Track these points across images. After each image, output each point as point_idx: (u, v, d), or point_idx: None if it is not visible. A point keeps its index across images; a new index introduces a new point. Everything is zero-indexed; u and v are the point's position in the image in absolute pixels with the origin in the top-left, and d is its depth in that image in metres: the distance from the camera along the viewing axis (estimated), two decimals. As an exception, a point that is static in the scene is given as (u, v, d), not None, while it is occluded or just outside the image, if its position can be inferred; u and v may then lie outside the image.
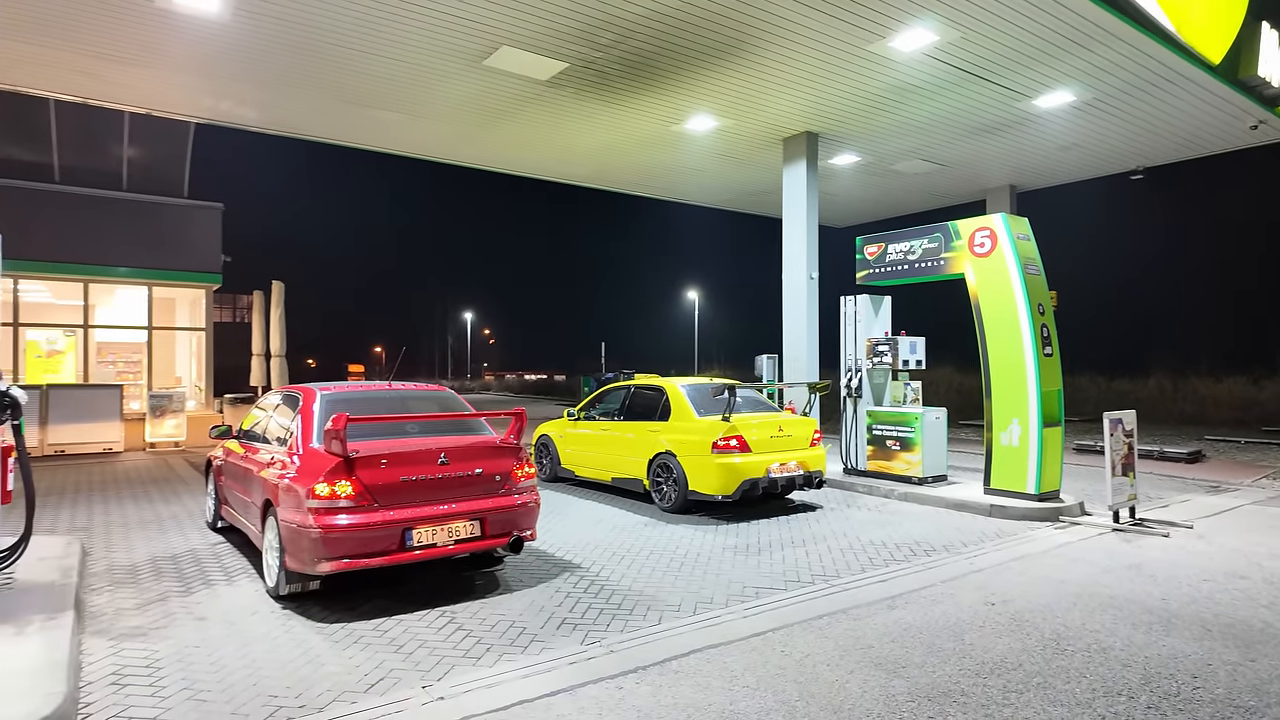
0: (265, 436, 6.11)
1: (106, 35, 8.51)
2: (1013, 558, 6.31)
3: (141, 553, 6.57)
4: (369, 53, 9.01)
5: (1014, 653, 4.22)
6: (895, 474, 9.44)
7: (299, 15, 8.06)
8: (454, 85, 10.08)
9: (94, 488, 10.25)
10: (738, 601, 5.18)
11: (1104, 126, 11.86)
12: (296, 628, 4.67)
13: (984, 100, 10.70)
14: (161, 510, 8.57)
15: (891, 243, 9.87)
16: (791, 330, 12.24)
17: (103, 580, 5.71)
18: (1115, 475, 7.44)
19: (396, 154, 13.73)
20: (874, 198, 16.88)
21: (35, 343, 15.50)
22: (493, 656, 4.21)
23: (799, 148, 12.21)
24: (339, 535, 4.76)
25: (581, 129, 11.96)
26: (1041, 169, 14.53)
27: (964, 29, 8.46)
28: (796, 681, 3.85)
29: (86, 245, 15.48)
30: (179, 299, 18.46)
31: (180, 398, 15.33)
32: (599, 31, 8.47)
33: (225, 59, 9.18)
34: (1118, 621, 4.72)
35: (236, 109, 11.13)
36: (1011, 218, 8.61)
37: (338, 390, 5.95)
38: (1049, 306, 8.55)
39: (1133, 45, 8.81)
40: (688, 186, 15.95)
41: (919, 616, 4.85)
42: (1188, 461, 12.07)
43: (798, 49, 9.05)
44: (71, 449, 13.84)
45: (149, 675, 3.94)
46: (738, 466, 7.82)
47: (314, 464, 4.99)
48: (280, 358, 17.99)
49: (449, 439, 5.48)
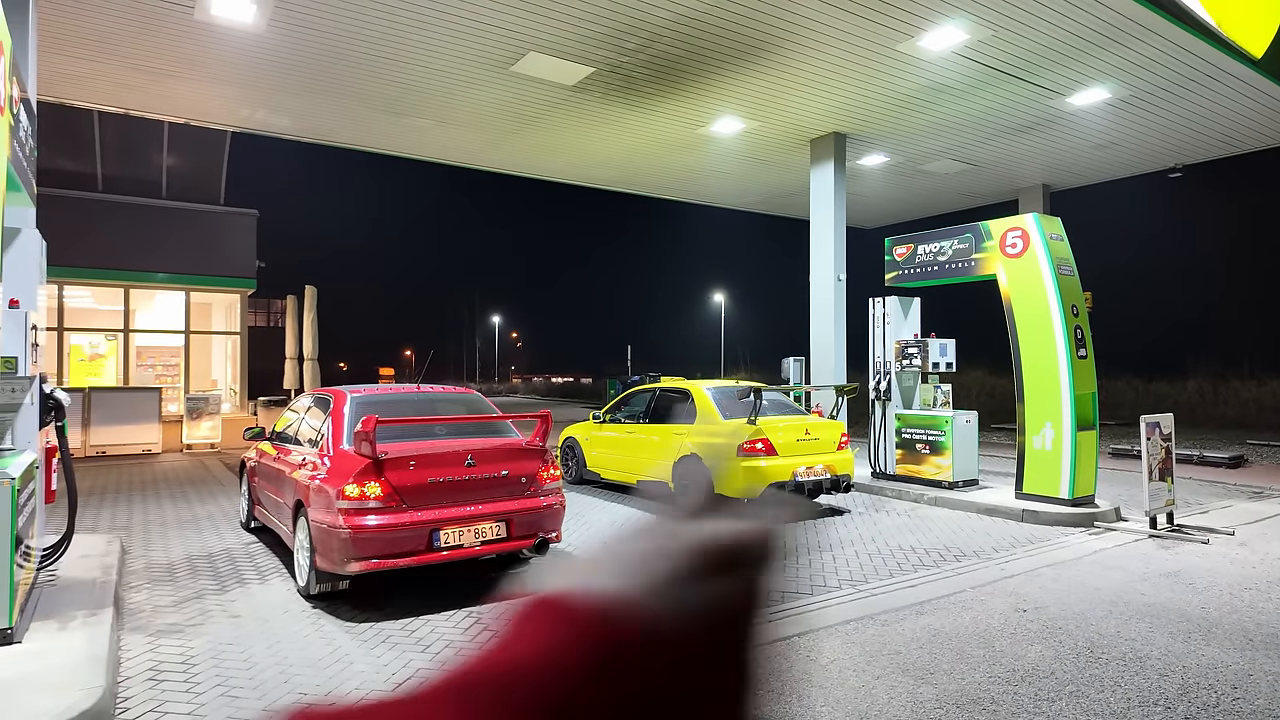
0: (297, 438, 6.23)
1: (148, 49, 8.76)
2: (1045, 564, 6.19)
3: (178, 551, 6.73)
4: (399, 61, 9.16)
5: (1046, 660, 4.14)
6: (925, 478, 9.32)
7: (332, 26, 8.22)
8: (482, 92, 10.19)
9: (133, 488, 10.53)
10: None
11: (1141, 124, 11.59)
12: (326, 626, 4.74)
13: (1016, 99, 10.53)
14: (198, 510, 8.77)
15: (921, 244, 9.75)
16: (819, 332, 12.15)
17: (141, 578, 5.86)
18: (1152, 480, 7.26)
19: (426, 160, 13.90)
20: (903, 198, 16.69)
21: (79, 346, 15.97)
22: (518, 657, 4.23)
23: (826, 149, 12.13)
24: (368, 536, 4.84)
25: (607, 133, 12.01)
26: (1076, 168, 14.25)
27: (996, 27, 8.34)
28: (822, 687, 3.82)
29: (128, 252, 15.91)
30: (215, 303, 18.88)
31: (216, 400, 15.68)
32: (625, 36, 8.51)
33: (261, 70, 9.39)
34: (1154, 630, 4.61)
35: (271, 118, 11.37)
36: (1044, 217, 8.46)
37: (368, 393, 6.05)
38: (1083, 308, 8.38)
39: (1171, 40, 8.61)
40: (714, 189, 15.91)
41: (948, 622, 4.78)
42: (1229, 466, 11.73)
43: (825, 50, 8.99)
44: (112, 450, 14.21)
45: (184, 671, 4.04)
46: (764, 469, 7.78)
47: (344, 465, 5.08)
48: (313, 361, 18.31)
49: (476, 441, 5.53)
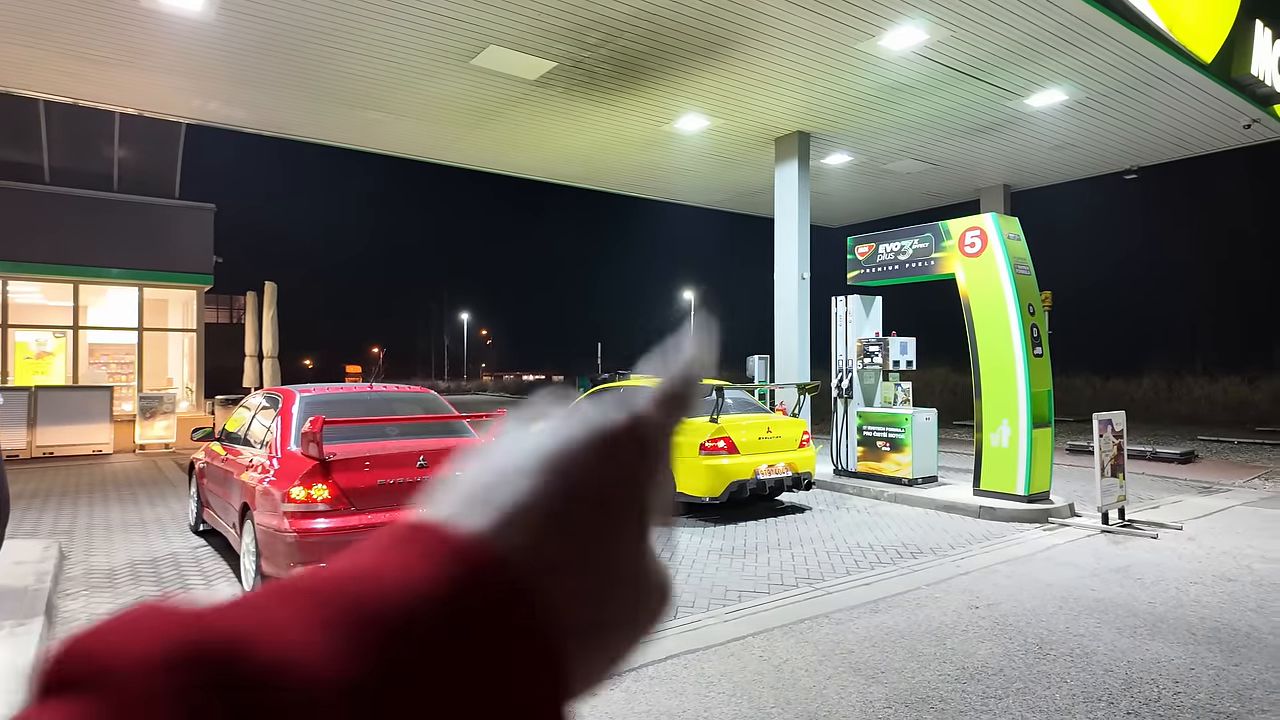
0: (247, 439, 6.06)
1: (91, 35, 8.45)
2: (1000, 560, 6.25)
3: (121, 556, 6.51)
4: (355, 53, 8.96)
5: (995, 658, 4.17)
6: (885, 475, 9.39)
7: (284, 15, 8.00)
8: (442, 85, 10.02)
9: (80, 490, 10.18)
10: (719, 605, 5.13)
11: (1097, 126, 11.80)
12: (271, 633, 4.60)
13: (976, 99, 10.64)
14: (146, 513, 8.50)
15: (882, 243, 9.82)
16: (783, 331, 12.18)
17: (79, 585, 5.65)
18: (1105, 476, 7.39)
19: (387, 154, 13.66)
20: (868, 197, 16.82)
21: (24, 344, 15.44)
22: (467, 662, 4.15)
23: (791, 147, 12.16)
24: (315, 540, 4.70)
25: (571, 129, 11.90)
26: (1035, 168, 14.48)
27: (954, 27, 8.41)
28: (773, 687, 3.80)
29: (77, 246, 15.41)
30: (171, 300, 18.39)
31: (171, 399, 15.26)
32: (586, 30, 8.42)
33: (211, 59, 9.12)
34: (1102, 625, 4.67)
35: (225, 109, 11.07)
36: (1002, 218, 8.56)
37: (318, 392, 5.90)
38: (1039, 307, 8.51)
39: (1124, 44, 8.76)
40: (680, 186, 15.88)
41: (902, 620, 4.80)
42: (1180, 462, 12.02)
43: (787, 48, 9.00)
44: (60, 450, 13.76)
45: (117, 682, 3.88)
46: (725, 468, 7.77)
47: (291, 467, 4.94)
48: (272, 359, 17.90)
49: (428, 441, 5.42)
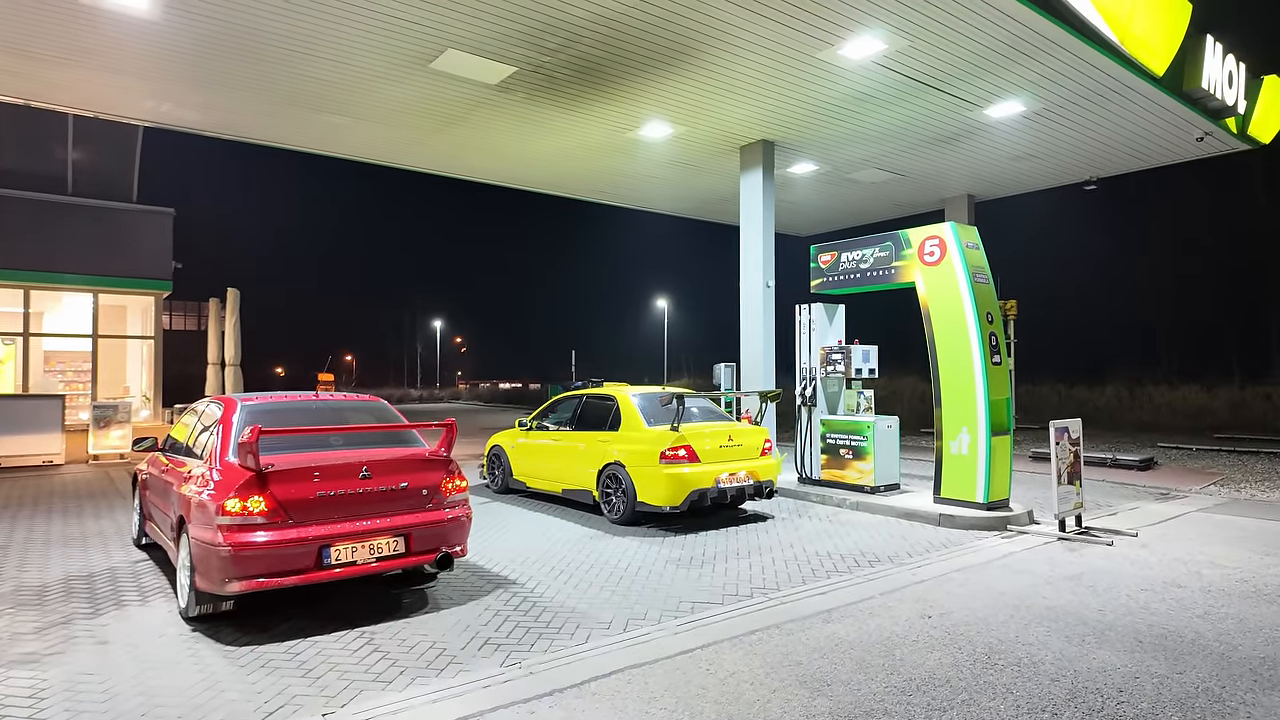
0: (188, 448, 5.86)
1: (32, 32, 8.20)
2: (956, 569, 6.24)
3: (56, 571, 6.26)
4: (308, 54, 8.79)
5: (943, 668, 4.13)
6: (848, 483, 9.38)
7: (232, 14, 7.82)
8: (400, 89, 9.88)
9: (24, 502, 9.83)
10: (671, 617, 5.04)
11: (1055, 137, 11.98)
12: (203, 651, 4.43)
13: (936, 109, 10.75)
14: (89, 526, 8.21)
15: (845, 251, 9.85)
16: (748, 339, 12.17)
17: (6, 602, 5.40)
18: (1061, 484, 7.44)
19: (348, 158, 13.45)
20: (834, 206, 16.94)
21: (-29, 351, 14.93)
22: (405, 680, 4.02)
23: (755, 156, 12.18)
24: (250, 554, 4.54)
25: (535, 135, 11.82)
26: (998, 179, 14.67)
27: (911, 37, 8.47)
28: (717, 702, 3.72)
29: (27, 250, 14.93)
30: (130, 306, 17.90)
31: (126, 408, 14.84)
32: (545, 35, 8.35)
33: (160, 59, 8.89)
34: (1051, 634, 4.66)
35: (178, 111, 10.82)
36: (961, 226, 8.62)
37: (261, 401, 5.72)
38: (998, 315, 8.56)
39: (1076, 55, 8.89)
40: (646, 194, 15.85)
41: (853, 631, 4.74)
42: (1139, 469, 12.19)
43: (747, 56, 9.00)
44: (8, 461, 13.29)
45: (30, 706, 3.69)
46: (686, 477, 7.69)
47: (227, 479, 4.76)
48: (235, 366, 17.51)
49: (373, 451, 5.27)
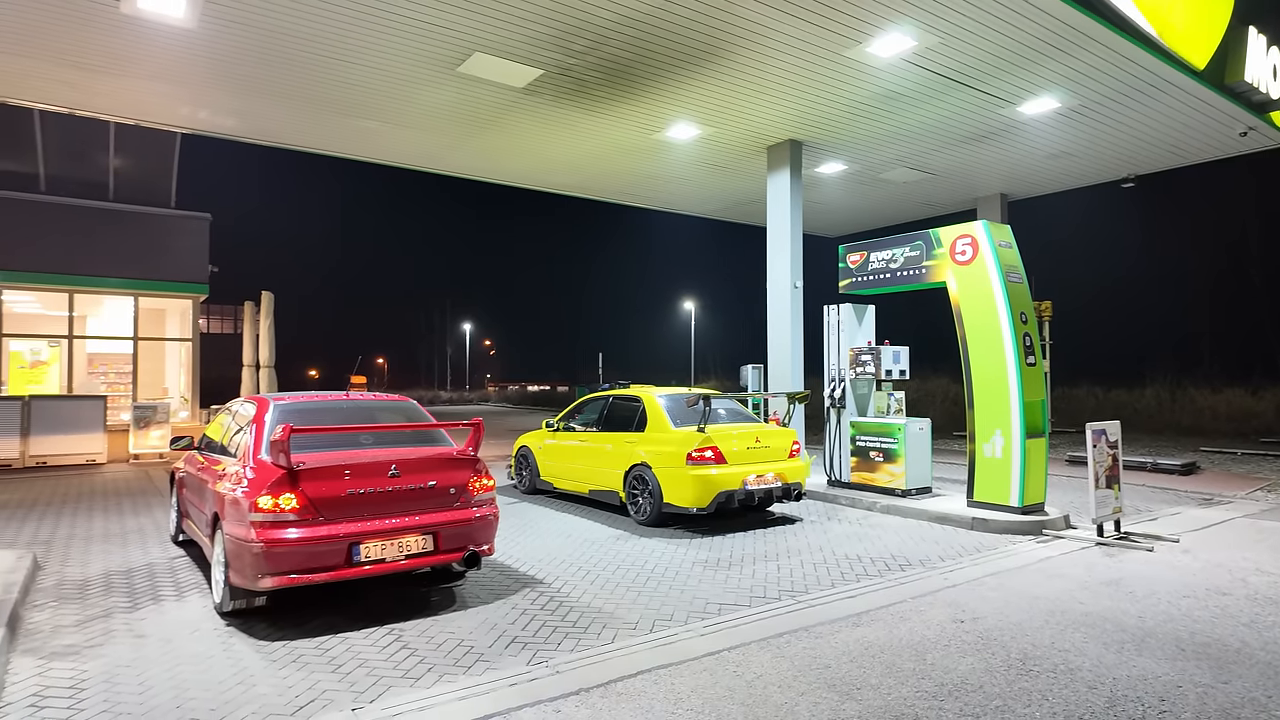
0: (223, 447, 5.98)
1: (76, 43, 8.44)
2: (989, 573, 6.12)
3: (97, 567, 6.42)
4: (341, 60, 8.93)
5: (976, 674, 4.04)
6: (878, 486, 9.26)
7: (267, 22, 7.98)
8: (431, 93, 9.99)
9: (68, 500, 10.11)
10: (698, 619, 5.01)
11: (1092, 134, 11.72)
12: (236, 646, 4.51)
13: (969, 107, 10.58)
14: (129, 523, 8.42)
15: (874, 251, 9.73)
16: (776, 340, 12.08)
17: (49, 596, 5.55)
18: (1099, 488, 7.26)
19: (381, 163, 13.63)
20: (864, 206, 16.75)
21: (18, 353, 15.42)
22: (433, 677, 4.04)
23: (783, 156, 12.10)
24: (282, 550, 4.61)
25: (562, 137, 11.87)
26: (1032, 177, 14.39)
27: (942, 34, 8.35)
28: (744, 704, 3.68)
29: (72, 255, 15.41)
30: (169, 309, 18.36)
31: (165, 409, 15.20)
32: (572, 37, 8.38)
33: (198, 67, 9.10)
34: (1089, 640, 4.54)
35: (216, 118, 11.06)
36: (994, 225, 8.47)
37: (293, 400, 5.81)
38: (1032, 315, 8.39)
39: (1114, 50, 8.69)
40: (673, 195, 15.83)
41: (883, 634, 4.67)
42: (1181, 473, 11.85)
43: (775, 56, 8.94)
44: (53, 460, 13.70)
45: (71, 697, 3.78)
46: (713, 478, 7.65)
47: (260, 476, 4.84)
48: (269, 368, 17.86)
49: (401, 450, 5.32)
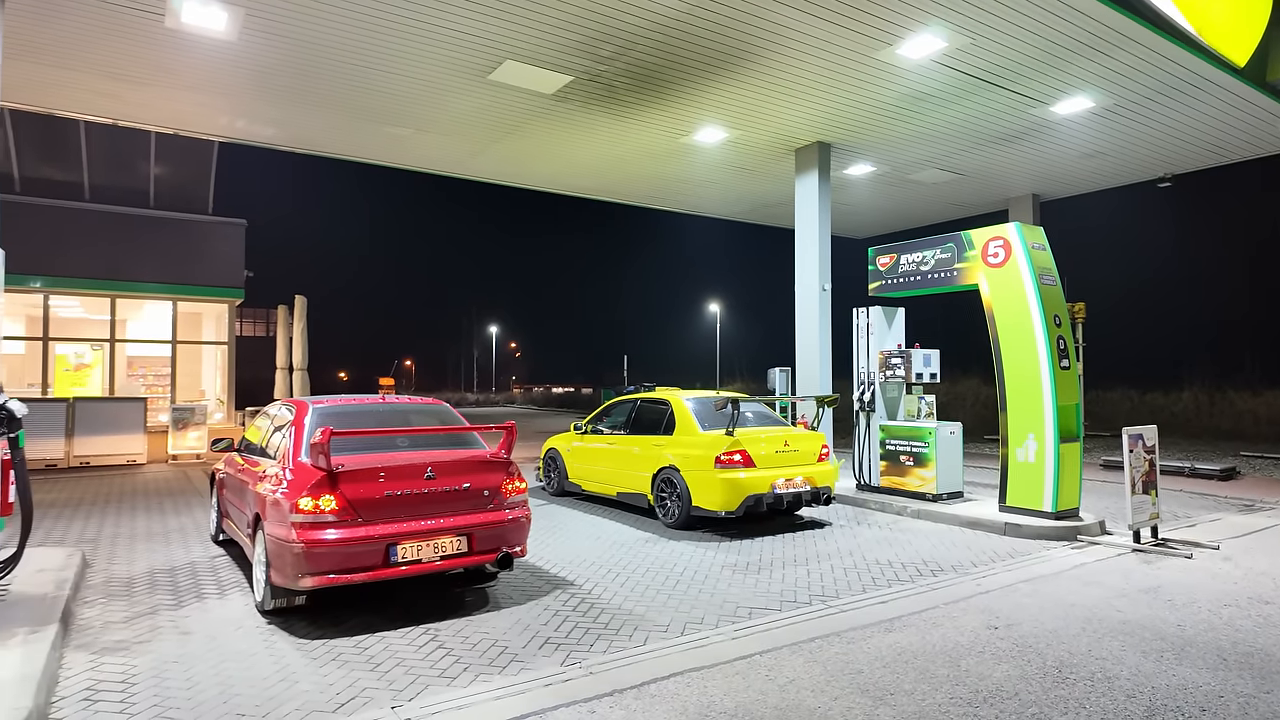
0: (262, 449, 6.12)
1: (121, 56, 8.70)
2: (1023, 579, 6.06)
3: (141, 565, 6.61)
4: (375, 69, 9.10)
5: (1011, 681, 4.02)
6: (909, 490, 9.19)
7: (305, 33, 8.16)
8: (461, 100, 10.14)
9: (111, 499, 10.40)
10: (729, 622, 5.03)
11: (1127, 133, 11.53)
12: (278, 644, 4.62)
13: (1000, 107, 10.47)
14: (170, 522, 8.64)
15: (904, 253, 9.67)
16: (804, 343, 12.04)
17: (98, 593, 5.74)
18: (1135, 493, 7.14)
19: (411, 169, 13.84)
20: (892, 208, 16.63)
21: (64, 356, 15.88)
22: (469, 676, 4.11)
23: (811, 158, 12.06)
24: (322, 550, 4.72)
25: (590, 142, 11.96)
26: (1065, 177, 14.19)
27: (973, 35, 8.28)
28: (777, 708, 3.70)
29: (114, 261, 15.86)
30: (205, 313, 18.80)
31: (202, 410, 15.55)
32: (601, 44, 8.45)
33: (238, 78, 9.34)
34: (1126, 649, 4.48)
35: (253, 127, 11.32)
36: (1026, 227, 8.38)
37: (331, 403, 5.94)
38: (1065, 318, 8.28)
39: (1151, 49, 8.55)
40: (700, 198, 15.85)
41: (916, 640, 4.65)
42: (1221, 479, 11.60)
43: (803, 58, 8.94)
44: (96, 460, 14.09)
45: (122, 691, 3.91)
46: (741, 482, 7.66)
47: (300, 478, 4.96)
48: (302, 371, 18.21)
49: (437, 453, 5.42)
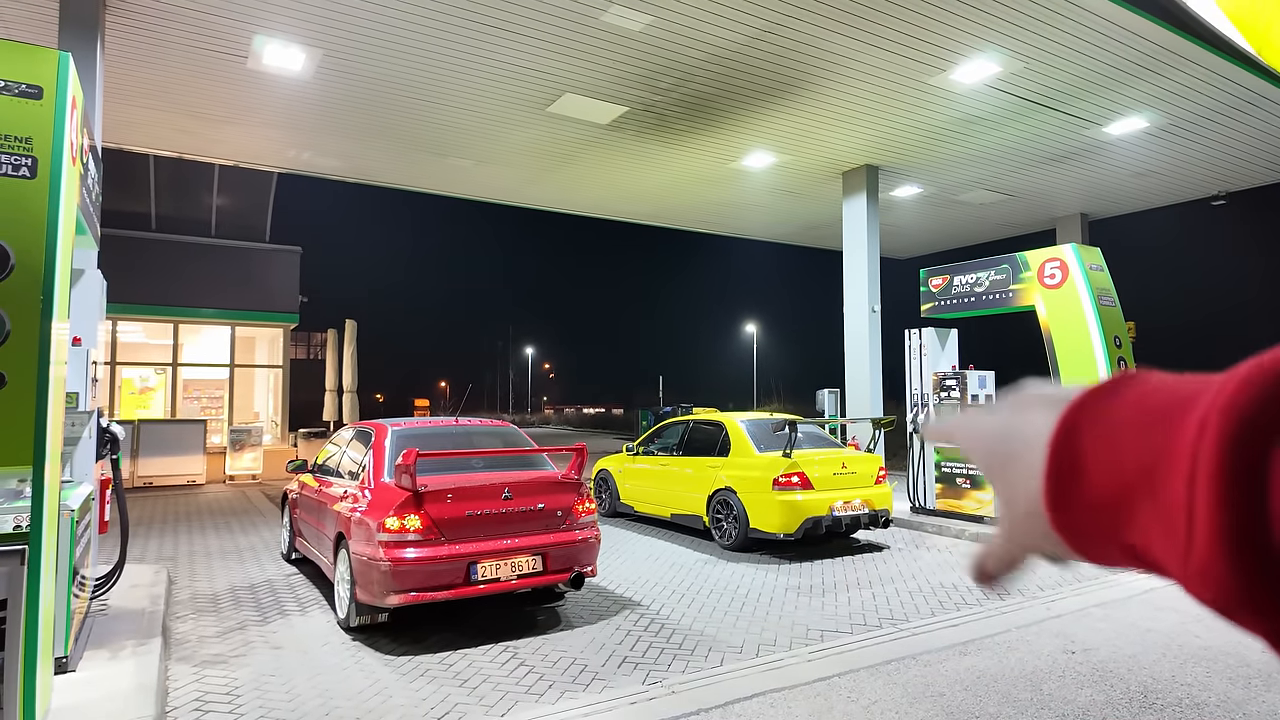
0: (338, 470, 6.35)
1: (202, 96, 9.20)
2: (1094, 603, 6.00)
3: (222, 582, 6.87)
4: (440, 104, 9.47)
5: (1096, 705, 4.01)
6: (966, 513, 9.12)
7: (376, 72, 8.55)
8: (520, 132, 10.47)
9: (179, 518, 10.78)
10: (801, 644, 5.08)
11: (1182, 152, 11.43)
12: (366, 659, 4.79)
13: (1051, 129, 10.47)
14: (240, 541, 8.94)
15: (957, 274, 9.68)
16: (854, 364, 12.06)
17: (187, 608, 5.99)
18: (1206, 517, 7.02)
19: (466, 197, 14.25)
20: (938, 228, 16.60)
21: (130, 380, 16.53)
22: (555, 693, 4.23)
23: (859, 181, 12.16)
24: (407, 568, 4.89)
25: (641, 169, 12.21)
26: (1115, 196, 14.06)
27: (1027, 59, 8.35)
28: (864, 729, 3.75)
29: (178, 288, 16.53)
30: (259, 338, 19.42)
31: (258, 432, 16.03)
32: (659, 76, 8.70)
33: (309, 114, 9.78)
34: (1211, 675, 4.43)
35: (318, 159, 11.80)
36: (1083, 248, 8.36)
37: (408, 426, 6.16)
38: (1126, 339, 8.22)
39: (1209, 69, 8.53)
40: (747, 221, 16.02)
41: (993, 664, 4.66)
42: (1288, 503, 11.26)
43: (856, 85, 9.08)
44: (159, 480, 14.59)
45: (229, 701, 4.10)
46: (800, 504, 7.70)
47: (385, 498, 5.16)
48: (352, 393, 18.66)
49: (512, 474, 5.58)
